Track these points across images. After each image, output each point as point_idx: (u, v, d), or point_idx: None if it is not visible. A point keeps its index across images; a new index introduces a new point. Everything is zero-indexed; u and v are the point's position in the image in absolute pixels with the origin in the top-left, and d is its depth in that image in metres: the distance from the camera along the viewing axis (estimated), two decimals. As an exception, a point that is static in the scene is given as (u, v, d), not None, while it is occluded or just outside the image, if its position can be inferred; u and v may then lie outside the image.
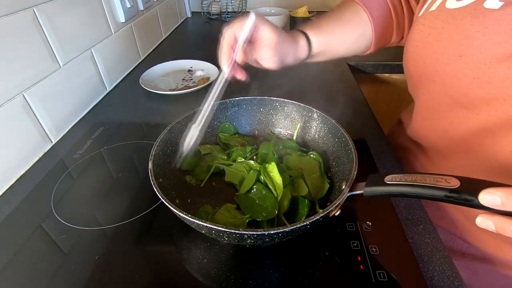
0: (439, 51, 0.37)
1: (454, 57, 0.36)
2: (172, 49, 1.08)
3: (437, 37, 0.38)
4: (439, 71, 0.38)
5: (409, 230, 0.42)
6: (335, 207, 0.33)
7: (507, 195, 0.24)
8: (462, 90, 0.36)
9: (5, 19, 0.49)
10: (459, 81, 0.36)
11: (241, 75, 0.45)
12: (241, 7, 1.35)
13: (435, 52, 0.38)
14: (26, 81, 0.53)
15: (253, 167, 0.45)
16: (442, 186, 0.27)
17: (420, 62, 0.41)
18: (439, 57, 0.37)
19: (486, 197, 0.25)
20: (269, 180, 0.41)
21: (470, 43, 0.34)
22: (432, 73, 0.39)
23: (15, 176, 0.53)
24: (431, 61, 0.39)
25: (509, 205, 0.24)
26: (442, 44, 0.37)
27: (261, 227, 0.38)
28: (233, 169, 0.46)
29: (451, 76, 0.37)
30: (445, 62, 0.37)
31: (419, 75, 0.43)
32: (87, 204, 0.47)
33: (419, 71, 0.42)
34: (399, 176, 0.31)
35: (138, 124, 0.66)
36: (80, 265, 0.38)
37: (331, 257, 0.38)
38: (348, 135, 0.43)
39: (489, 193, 0.24)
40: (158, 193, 0.35)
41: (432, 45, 0.38)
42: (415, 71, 0.43)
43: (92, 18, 0.72)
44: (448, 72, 0.37)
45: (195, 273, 0.37)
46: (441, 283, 0.36)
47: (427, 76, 0.41)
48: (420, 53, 0.41)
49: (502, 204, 0.24)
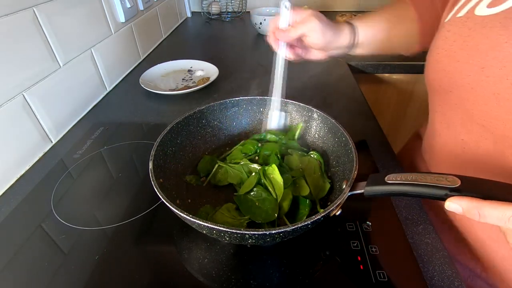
0: (462, 60, 0.35)
1: (476, 68, 0.33)
2: (172, 49, 1.08)
3: (462, 46, 0.35)
4: (458, 82, 0.36)
5: (409, 230, 0.42)
6: (335, 206, 0.33)
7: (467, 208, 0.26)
8: (479, 105, 0.34)
9: (5, 19, 0.49)
10: (477, 95, 0.34)
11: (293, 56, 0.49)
12: (241, 7, 1.35)
13: (458, 61, 0.36)
14: (26, 81, 0.53)
15: (253, 170, 0.45)
16: (442, 185, 0.27)
17: (440, 70, 0.39)
18: (461, 67, 0.35)
19: (451, 206, 0.27)
20: (269, 183, 0.41)
21: (496, 55, 0.31)
22: (450, 84, 0.37)
23: (15, 176, 0.53)
24: (451, 70, 0.37)
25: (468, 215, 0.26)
26: (466, 53, 0.35)
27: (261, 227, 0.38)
28: (234, 169, 0.46)
29: (470, 89, 0.34)
30: (466, 73, 0.34)
31: (437, 85, 0.40)
32: (87, 204, 0.47)
33: (438, 80, 0.40)
34: (400, 175, 0.31)
35: (138, 124, 0.66)
36: (80, 265, 0.38)
37: (332, 257, 0.38)
38: (348, 135, 0.43)
39: (454, 202, 0.27)
40: (159, 193, 0.35)
41: (455, 53, 0.36)
42: (434, 79, 0.41)
43: (92, 18, 0.72)
44: (467, 84, 0.35)
45: (196, 273, 0.37)
46: (441, 283, 0.36)
47: (445, 87, 0.39)
48: (443, 61, 0.38)
49: (463, 213, 0.26)
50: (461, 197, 0.27)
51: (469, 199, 0.26)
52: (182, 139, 0.48)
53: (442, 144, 0.44)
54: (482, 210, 0.26)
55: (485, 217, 0.26)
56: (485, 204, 0.25)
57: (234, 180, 0.46)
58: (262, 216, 0.39)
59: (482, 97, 0.33)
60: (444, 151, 0.44)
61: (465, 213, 0.26)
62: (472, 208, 0.26)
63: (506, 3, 0.32)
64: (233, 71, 0.87)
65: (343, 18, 1.22)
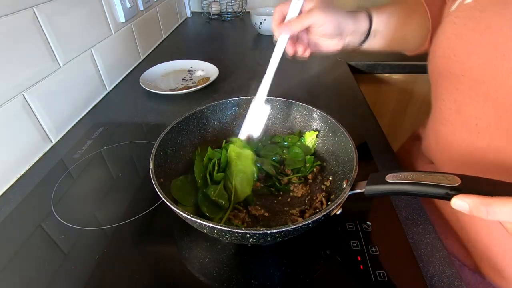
0: (473, 41, 0.35)
1: (490, 47, 0.33)
2: (172, 49, 1.08)
3: (474, 27, 0.35)
4: (471, 64, 0.35)
5: (409, 230, 0.42)
6: (336, 206, 0.33)
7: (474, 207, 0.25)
8: (496, 84, 0.33)
9: (5, 19, 0.49)
10: (493, 73, 0.33)
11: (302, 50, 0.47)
12: (241, 7, 1.35)
13: (470, 43, 0.35)
14: (26, 81, 0.53)
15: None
16: (443, 184, 0.27)
17: (450, 56, 0.38)
18: (473, 49, 0.35)
19: (456, 204, 0.26)
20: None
21: (510, 30, 0.31)
22: (463, 68, 0.36)
23: (15, 176, 0.52)
24: (463, 54, 0.36)
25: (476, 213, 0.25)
26: (478, 34, 0.34)
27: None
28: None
29: (484, 69, 0.34)
30: (479, 54, 0.34)
31: (448, 71, 0.39)
32: (87, 204, 0.47)
33: (449, 66, 0.39)
34: (400, 175, 0.31)
35: (138, 124, 0.66)
36: (80, 265, 0.38)
37: (332, 256, 0.38)
38: (348, 134, 0.43)
39: (460, 199, 0.26)
40: (160, 193, 0.35)
41: (466, 35, 0.36)
42: (443, 67, 0.40)
43: (92, 18, 0.72)
44: (481, 65, 0.34)
45: (196, 272, 0.37)
46: (441, 283, 0.36)
47: (457, 71, 0.38)
48: (453, 46, 0.38)
49: (470, 211, 0.25)
50: (467, 194, 0.26)
51: (475, 196, 0.25)
52: (182, 139, 0.48)
53: (451, 132, 0.43)
54: (491, 206, 0.24)
55: (494, 214, 0.24)
56: (494, 201, 0.24)
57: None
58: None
59: (500, 75, 0.33)
60: (454, 140, 0.42)
61: (472, 210, 0.25)
62: (480, 205, 0.25)
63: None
64: (233, 71, 0.87)
65: None
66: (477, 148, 0.38)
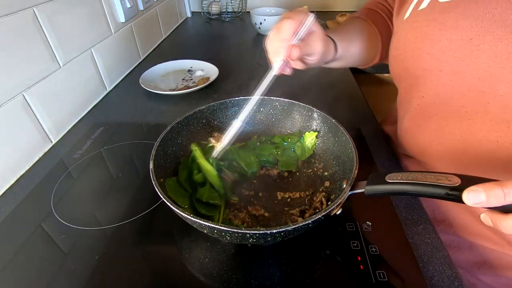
0: (444, 38, 0.37)
1: (464, 42, 0.35)
2: (172, 49, 1.08)
3: (440, 27, 0.37)
4: (448, 59, 0.37)
5: (409, 230, 0.42)
6: (336, 206, 0.33)
7: (489, 189, 0.24)
8: (478, 73, 0.35)
9: (5, 19, 0.49)
10: (473, 64, 0.35)
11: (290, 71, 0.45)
12: (241, 7, 1.35)
13: (440, 41, 0.37)
14: (26, 81, 0.53)
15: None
16: (443, 184, 0.27)
17: (422, 55, 0.40)
18: (446, 45, 0.36)
19: (470, 195, 0.25)
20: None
21: (480, 25, 0.33)
22: (440, 63, 0.38)
23: (15, 176, 0.52)
24: (437, 51, 0.38)
25: (493, 200, 0.24)
26: (448, 32, 0.36)
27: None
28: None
29: (463, 61, 0.35)
30: (454, 49, 0.36)
31: (422, 69, 0.41)
32: (87, 204, 0.47)
33: (423, 64, 0.40)
34: (400, 175, 0.31)
35: (138, 124, 0.66)
36: (80, 265, 0.38)
37: (332, 256, 0.38)
38: (348, 134, 0.43)
39: (472, 191, 0.24)
40: (160, 193, 0.35)
41: (434, 35, 0.38)
42: (415, 67, 0.42)
43: (92, 18, 0.72)
44: (459, 57, 0.36)
45: (197, 273, 0.37)
46: (441, 283, 0.36)
47: (434, 67, 0.39)
48: (422, 46, 0.39)
49: (486, 200, 0.24)
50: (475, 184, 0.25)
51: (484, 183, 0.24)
52: (182, 139, 0.48)
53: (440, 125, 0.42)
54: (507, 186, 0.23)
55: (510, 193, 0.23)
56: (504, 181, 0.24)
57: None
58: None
59: (480, 64, 0.34)
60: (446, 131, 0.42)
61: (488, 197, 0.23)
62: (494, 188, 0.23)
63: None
64: (233, 71, 0.87)
65: (343, 18, 1.22)
66: (470, 134, 0.39)
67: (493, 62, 0.33)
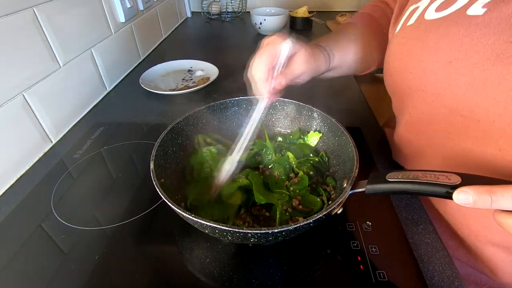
0: (426, 59, 0.37)
1: (443, 64, 0.35)
2: (172, 49, 1.08)
3: (422, 46, 0.37)
4: (430, 80, 0.37)
5: (409, 230, 0.42)
6: (337, 205, 0.33)
7: (478, 194, 0.25)
8: (457, 97, 0.35)
9: (5, 19, 0.49)
10: (452, 88, 0.35)
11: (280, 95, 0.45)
12: (241, 7, 1.35)
13: (422, 61, 0.37)
14: (26, 81, 0.53)
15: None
16: (443, 182, 0.27)
17: (407, 73, 0.40)
18: (427, 66, 0.37)
19: (459, 196, 0.26)
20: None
21: (459, 48, 0.33)
22: (422, 83, 0.39)
23: (15, 176, 0.52)
24: (419, 71, 0.38)
25: (480, 204, 0.25)
26: (429, 53, 0.37)
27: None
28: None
29: (443, 84, 0.36)
30: (434, 70, 0.36)
31: (407, 87, 0.42)
32: (87, 204, 0.47)
33: (407, 82, 0.41)
34: (401, 173, 0.31)
35: (138, 124, 0.66)
36: (80, 265, 0.38)
37: (333, 255, 0.39)
38: (348, 134, 0.43)
39: (463, 192, 0.25)
40: (161, 193, 0.34)
41: (417, 55, 0.38)
42: (402, 83, 0.42)
43: (92, 18, 0.72)
44: (439, 80, 0.36)
45: (198, 273, 0.37)
46: (441, 283, 0.36)
47: (417, 87, 0.40)
48: (406, 64, 0.40)
49: (473, 204, 0.25)
50: (468, 186, 0.25)
51: (477, 186, 0.25)
52: (182, 139, 0.48)
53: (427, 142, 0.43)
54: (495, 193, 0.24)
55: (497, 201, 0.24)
56: (496, 187, 0.24)
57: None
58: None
59: (458, 88, 0.34)
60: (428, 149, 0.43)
61: (475, 201, 0.24)
62: (483, 193, 0.24)
63: (453, 6, 0.35)
64: (233, 71, 0.87)
65: (343, 18, 1.22)
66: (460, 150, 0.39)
67: (471, 87, 0.33)
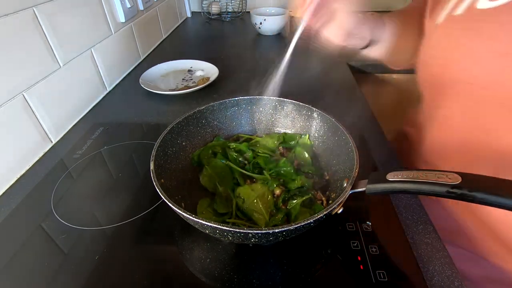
0: (477, 50, 0.35)
1: (498, 56, 0.33)
2: (172, 49, 1.08)
3: (474, 38, 0.35)
4: (480, 72, 0.35)
5: (409, 230, 0.42)
6: (337, 204, 0.33)
7: None
8: (510, 91, 0.33)
9: (5, 19, 0.49)
10: (505, 81, 0.33)
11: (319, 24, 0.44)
12: (241, 7, 1.35)
13: (473, 52, 0.35)
14: (26, 81, 0.53)
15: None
16: (443, 182, 0.27)
17: (451, 65, 0.38)
18: (479, 57, 0.35)
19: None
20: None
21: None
22: (469, 75, 0.36)
23: (15, 176, 0.52)
24: (467, 62, 0.36)
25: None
26: (482, 43, 0.34)
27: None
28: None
29: (495, 76, 0.34)
30: (486, 62, 0.34)
31: (450, 80, 0.39)
32: (87, 204, 0.47)
33: (451, 75, 0.39)
34: (401, 173, 0.31)
35: (138, 124, 0.66)
36: (80, 265, 0.38)
37: (333, 255, 0.38)
38: (348, 134, 0.43)
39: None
40: (161, 193, 0.34)
41: (466, 45, 0.36)
42: (443, 76, 0.40)
43: (92, 18, 0.72)
44: (490, 72, 0.34)
45: (198, 273, 0.37)
46: (441, 283, 0.36)
47: (463, 79, 0.37)
48: (452, 55, 0.38)
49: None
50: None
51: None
52: (182, 139, 0.48)
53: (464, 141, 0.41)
54: None
55: None
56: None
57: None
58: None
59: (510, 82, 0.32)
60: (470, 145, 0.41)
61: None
62: None
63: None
64: (233, 71, 0.87)
65: None
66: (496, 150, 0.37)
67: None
